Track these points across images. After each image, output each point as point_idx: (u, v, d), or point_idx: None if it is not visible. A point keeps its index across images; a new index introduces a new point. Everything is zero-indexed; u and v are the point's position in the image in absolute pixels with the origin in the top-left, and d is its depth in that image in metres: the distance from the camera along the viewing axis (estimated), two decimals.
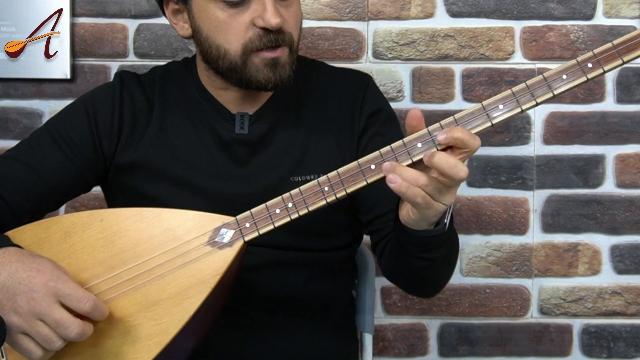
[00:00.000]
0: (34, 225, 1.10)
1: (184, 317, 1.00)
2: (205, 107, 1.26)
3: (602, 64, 0.98)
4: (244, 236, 1.04)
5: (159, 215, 1.06)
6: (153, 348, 1.00)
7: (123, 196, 1.26)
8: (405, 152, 0.98)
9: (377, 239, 1.26)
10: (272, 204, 1.03)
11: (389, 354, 1.74)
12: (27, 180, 1.20)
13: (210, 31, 1.17)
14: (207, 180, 1.22)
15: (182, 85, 1.29)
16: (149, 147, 1.24)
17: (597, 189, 1.71)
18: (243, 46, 1.15)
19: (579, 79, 0.98)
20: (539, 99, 0.98)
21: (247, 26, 1.15)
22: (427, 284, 1.22)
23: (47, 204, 1.23)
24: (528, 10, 1.69)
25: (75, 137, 1.23)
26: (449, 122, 0.98)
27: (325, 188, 1.00)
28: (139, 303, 1.02)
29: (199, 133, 1.25)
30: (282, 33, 1.15)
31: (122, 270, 1.03)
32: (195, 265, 1.03)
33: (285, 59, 1.17)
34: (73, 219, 1.08)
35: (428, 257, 1.09)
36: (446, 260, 1.14)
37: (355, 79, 1.33)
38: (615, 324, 1.73)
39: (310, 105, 1.28)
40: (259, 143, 1.24)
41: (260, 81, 1.17)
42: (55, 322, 0.97)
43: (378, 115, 1.28)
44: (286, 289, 1.24)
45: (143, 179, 1.23)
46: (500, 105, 0.98)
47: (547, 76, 0.98)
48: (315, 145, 1.25)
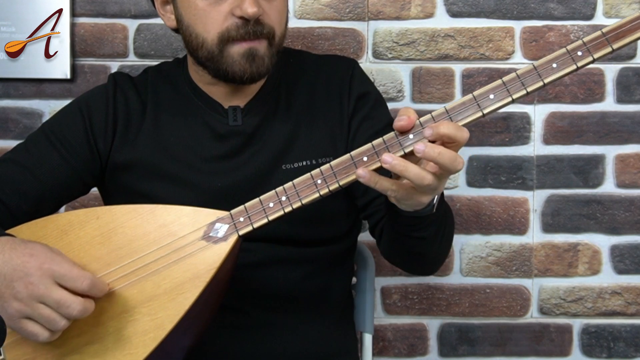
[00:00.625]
0: (30, 224, 1.10)
1: (179, 312, 1.01)
2: (198, 102, 1.28)
3: (592, 52, 0.98)
4: (238, 230, 1.04)
5: (154, 212, 1.07)
6: (149, 343, 1.00)
7: (119, 195, 1.27)
8: (397, 143, 0.98)
9: (374, 221, 1.27)
10: (266, 197, 1.04)
11: (389, 354, 1.74)
12: (25, 181, 1.21)
13: (191, 19, 1.19)
14: (201, 175, 1.23)
15: (174, 83, 1.31)
16: (144, 145, 1.25)
17: (597, 189, 1.71)
18: (220, 35, 1.17)
19: (569, 67, 0.98)
20: (529, 88, 0.98)
21: (226, 15, 1.16)
22: (424, 261, 1.22)
23: (45, 205, 1.23)
24: (528, 10, 1.69)
25: (70, 138, 1.25)
26: (440, 113, 0.99)
27: (318, 181, 1.01)
28: (135, 299, 1.03)
29: (192, 129, 1.26)
30: (260, 24, 1.17)
31: (119, 266, 1.04)
32: (190, 260, 1.03)
33: (263, 51, 1.18)
34: (69, 217, 1.09)
35: (419, 235, 1.10)
36: (439, 237, 1.14)
37: (341, 64, 1.34)
38: (615, 324, 1.73)
39: (299, 93, 1.30)
40: (253, 134, 1.26)
41: (235, 72, 1.18)
42: (55, 302, 0.98)
43: (366, 99, 1.30)
44: (284, 286, 1.24)
45: (139, 177, 1.25)
46: (491, 95, 0.98)
47: (537, 65, 0.98)
48: (306, 132, 1.27)
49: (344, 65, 1.33)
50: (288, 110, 1.28)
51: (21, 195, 1.20)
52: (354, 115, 1.28)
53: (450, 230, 1.19)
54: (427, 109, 1.70)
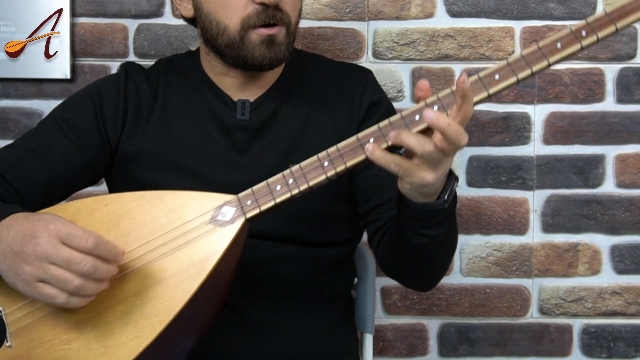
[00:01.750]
0: (39, 212, 1.10)
1: (186, 294, 1.01)
2: (207, 93, 1.29)
3: (597, 31, 0.98)
4: (245, 213, 1.04)
5: (161, 197, 1.07)
6: (156, 326, 1.00)
7: (126, 186, 1.26)
8: (404, 124, 0.99)
9: (374, 229, 1.26)
10: (273, 180, 1.04)
11: (389, 354, 1.74)
12: (36, 167, 1.22)
13: (211, 7, 1.21)
14: (208, 166, 1.24)
15: (185, 73, 1.32)
16: (152, 135, 1.26)
17: (597, 189, 1.71)
18: (242, 22, 1.19)
19: (574, 47, 0.98)
20: (535, 67, 0.98)
21: (247, 2, 1.18)
22: (426, 268, 1.20)
23: (55, 192, 1.24)
24: (528, 10, 1.69)
25: (82, 126, 1.26)
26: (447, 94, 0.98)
27: (325, 163, 1.01)
28: (142, 283, 1.03)
29: (201, 120, 1.27)
30: (279, 11, 1.19)
31: (127, 251, 1.04)
32: (197, 243, 1.04)
33: (281, 38, 1.20)
34: (78, 205, 1.09)
35: (427, 233, 1.09)
36: (446, 242, 1.13)
37: (357, 71, 1.36)
38: (615, 324, 1.73)
39: (311, 94, 1.30)
40: (259, 129, 1.26)
41: (255, 57, 1.20)
42: (65, 260, 0.97)
43: (378, 107, 1.30)
44: (286, 285, 1.24)
45: (145, 167, 1.25)
46: (496, 76, 0.98)
47: (542, 45, 0.98)
48: (314, 133, 1.27)
49: (359, 73, 1.35)
50: (298, 109, 1.29)
51: (32, 181, 1.21)
52: (364, 122, 1.29)
53: (454, 244, 1.18)
54: None
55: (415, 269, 1.22)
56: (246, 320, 1.24)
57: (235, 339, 1.23)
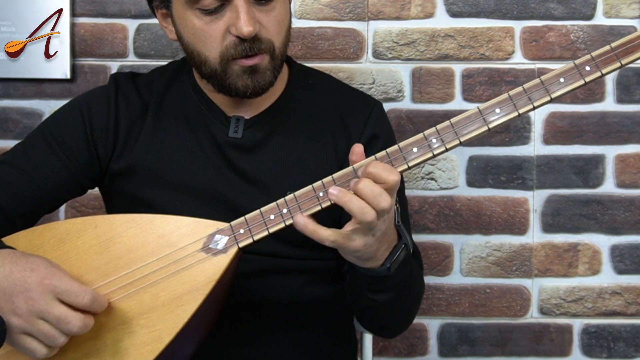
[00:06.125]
0: (27, 232, 1.09)
1: (177, 324, 1.00)
2: (202, 108, 1.25)
3: (600, 67, 0.97)
4: (238, 242, 1.03)
5: (152, 222, 1.05)
6: (147, 356, 0.99)
7: (120, 201, 1.25)
8: (401, 156, 0.98)
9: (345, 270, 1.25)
10: (267, 209, 1.02)
11: (389, 354, 1.74)
12: (22, 185, 1.19)
13: (190, 38, 1.16)
14: (201, 183, 1.21)
15: (179, 86, 1.28)
16: (144, 150, 1.23)
17: (597, 189, 1.71)
18: (220, 54, 1.14)
19: (577, 82, 0.98)
20: (536, 103, 0.98)
21: (223, 34, 1.13)
22: (376, 325, 1.22)
23: (41, 208, 1.22)
24: (528, 10, 1.69)
25: (70, 142, 1.22)
26: (445, 126, 0.99)
27: (320, 193, 1.00)
28: (133, 311, 1.01)
29: (194, 134, 1.24)
30: (258, 41, 1.13)
31: (116, 277, 1.03)
32: (189, 272, 1.02)
33: (265, 65, 1.15)
34: (67, 225, 1.07)
35: (372, 297, 1.09)
36: (396, 306, 1.12)
37: (364, 100, 1.32)
38: (615, 324, 1.73)
39: (310, 116, 1.26)
40: (252, 149, 1.23)
41: (239, 88, 1.16)
42: (55, 318, 0.97)
43: (377, 141, 1.26)
44: (282, 294, 1.23)
45: (138, 183, 1.23)
46: (497, 109, 0.98)
47: (545, 80, 0.98)
48: (311, 158, 1.24)
49: (366, 102, 1.30)
50: (294, 133, 1.24)
51: (18, 199, 1.18)
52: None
53: (411, 304, 1.17)
54: (427, 109, 1.70)
55: (366, 322, 1.24)
56: (243, 328, 1.22)
57: (233, 347, 1.22)
